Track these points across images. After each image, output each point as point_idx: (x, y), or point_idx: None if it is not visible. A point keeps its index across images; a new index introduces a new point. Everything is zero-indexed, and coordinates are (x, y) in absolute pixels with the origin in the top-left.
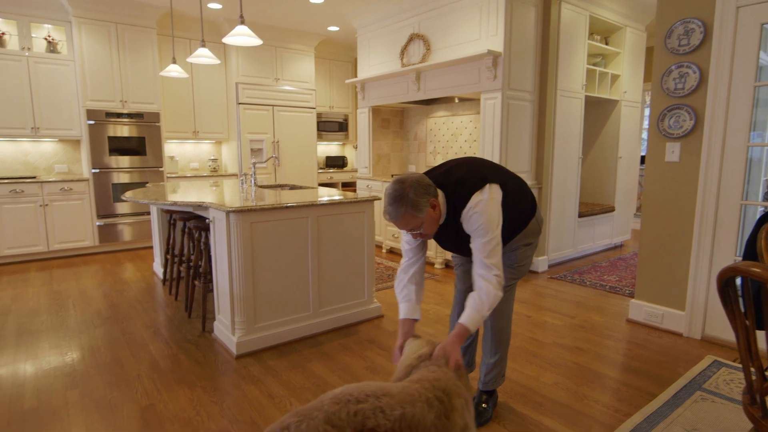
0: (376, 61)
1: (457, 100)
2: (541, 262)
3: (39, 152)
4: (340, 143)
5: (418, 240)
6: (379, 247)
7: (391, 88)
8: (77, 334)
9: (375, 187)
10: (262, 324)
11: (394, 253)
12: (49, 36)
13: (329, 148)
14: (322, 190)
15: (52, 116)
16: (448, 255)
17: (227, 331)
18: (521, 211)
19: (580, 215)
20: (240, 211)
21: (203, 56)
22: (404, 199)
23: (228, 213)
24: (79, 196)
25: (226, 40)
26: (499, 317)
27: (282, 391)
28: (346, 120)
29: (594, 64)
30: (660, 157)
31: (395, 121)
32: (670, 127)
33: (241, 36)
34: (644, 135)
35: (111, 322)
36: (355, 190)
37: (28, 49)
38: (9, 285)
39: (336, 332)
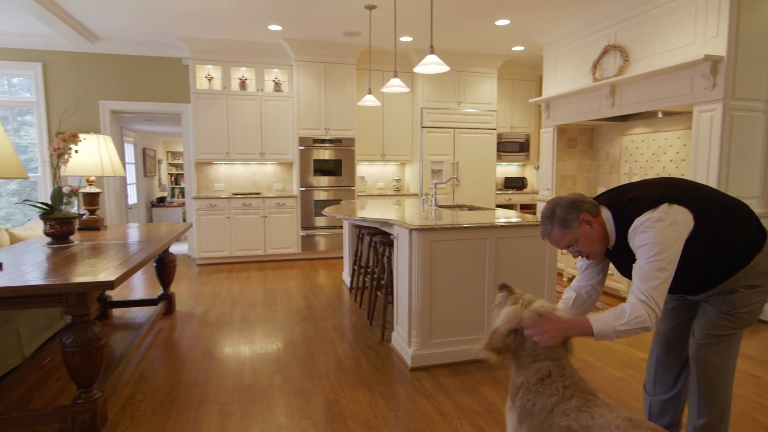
0: (563, 78)
1: (660, 115)
2: None
3: (263, 173)
4: (520, 164)
5: (587, 262)
6: (560, 274)
7: (580, 105)
8: (282, 327)
9: None
10: (437, 341)
11: None
12: (276, 78)
13: (508, 168)
14: (500, 212)
15: (274, 143)
16: None
17: (404, 342)
18: (736, 242)
19: None
20: (421, 230)
21: (395, 86)
22: (552, 216)
23: (411, 230)
24: (289, 210)
25: (418, 69)
26: (711, 372)
27: (453, 411)
28: (527, 140)
29: None
30: None
31: (583, 140)
32: None
33: (431, 64)
34: None
35: (307, 321)
36: (534, 213)
37: (261, 90)
38: (237, 280)
39: None
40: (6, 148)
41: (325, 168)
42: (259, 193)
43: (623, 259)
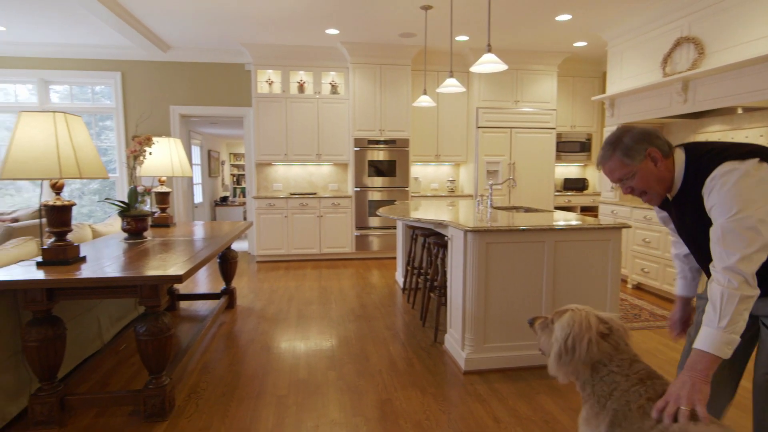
0: (629, 74)
1: (740, 111)
2: None
3: (319, 174)
4: (581, 164)
5: (661, 214)
6: (624, 281)
7: (648, 102)
8: (336, 325)
9: (622, 214)
10: (491, 345)
11: (642, 290)
12: (332, 81)
13: (568, 169)
14: (559, 214)
15: (330, 145)
16: None
17: (457, 345)
18: None
19: None
20: (477, 231)
21: (451, 86)
22: (618, 143)
23: (466, 232)
24: (344, 210)
25: (474, 68)
26: None
27: (507, 418)
28: (589, 139)
29: None
30: None
31: None
32: None
33: (488, 63)
34: None
35: (361, 320)
36: (596, 216)
37: (318, 92)
38: (293, 278)
39: None
40: (91, 151)
41: (379, 169)
42: (315, 193)
43: (686, 215)
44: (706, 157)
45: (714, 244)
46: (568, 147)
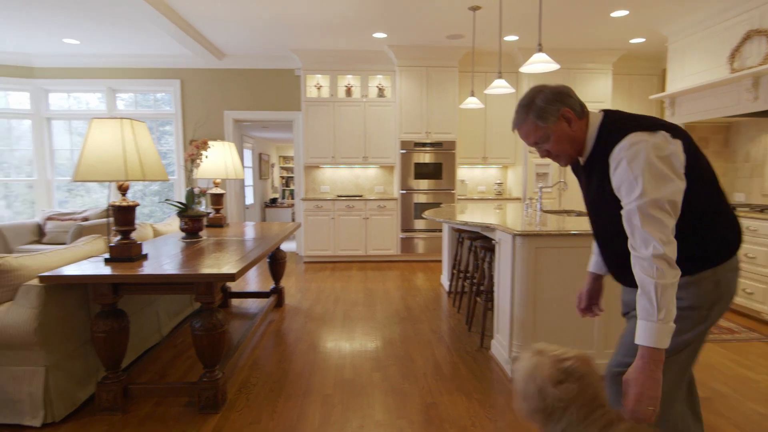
0: (691, 71)
1: None
2: None
3: (365, 176)
4: None
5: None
6: None
7: (713, 100)
8: (381, 326)
9: None
10: None
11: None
12: (379, 84)
13: None
14: None
15: (376, 147)
16: None
17: (504, 351)
18: (704, 235)
19: None
20: (526, 235)
21: (500, 87)
22: (531, 105)
23: (514, 236)
24: (389, 212)
25: (525, 69)
26: None
27: None
28: None
29: None
30: None
31: (717, 139)
32: None
33: (539, 63)
34: None
35: (406, 322)
36: None
37: (365, 96)
38: (339, 278)
39: None
40: (154, 155)
41: (425, 171)
42: (361, 196)
43: (592, 182)
44: (619, 123)
45: (633, 227)
46: None
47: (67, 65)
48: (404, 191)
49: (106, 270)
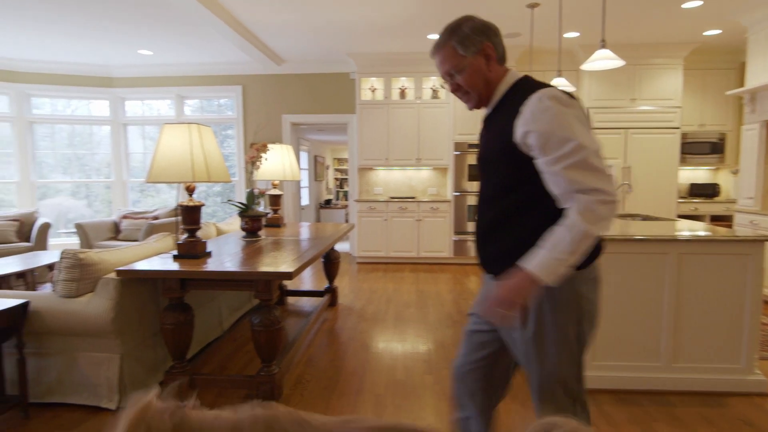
0: None
1: None
2: None
3: (418, 178)
4: (712, 168)
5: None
6: (767, 302)
7: None
8: (433, 329)
9: (764, 224)
10: (601, 363)
11: None
12: (433, 86)
13: (695, 173)
14: (684, 223)
15: (429, 149)
16: None
17: None
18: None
19: None
20: None
21: (559, 86)
22: (456, 29)
23: None
24: (442, 214)
25: (587, 66)
26: None
27: None
28: (721, 140)
29: None
30: None
31: None
32: None
33: (602, 60)
34: None
35: (458, 326)
36: (730, 226)
37: (419, 98)
38: (391, 280)
39: (693, 397)
40: (218, 157)
41: (477, 173)
42: (414, 197)
43: (489, 136)
44: (536, 83)
45: (555, 188)
46: (695, 148)
47: (141, 75)
48: (457, 193)
49: (175, 266)
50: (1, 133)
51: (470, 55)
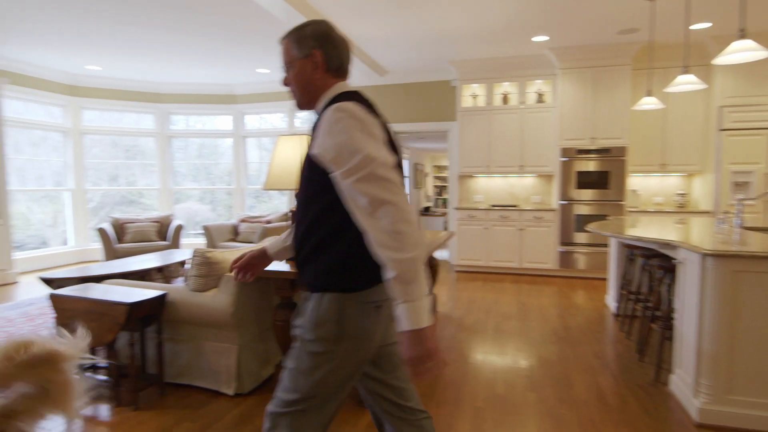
0: None
1: None
2: None
3: (521, 185)
4: None
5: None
6: None
7: None
8: (536, 344)
9: None
10: (738, 398)
11: None
12: (538, 90)
13: None
14: None
15: (533, 156)
16: None
17: (687, 390)
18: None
19: None
20: (720, 256)
21: (686, 83)
22: (302, 28)
23: (704, 256)
24: (547, 224)
25: (720, 60)
26: None
27: None
28: None
29: None
30: None
31: None
32: None
33: (741, 52)
34: None
35: (564, 342)
36: None
37: (523, 102)
38: (491, 290)
39: None
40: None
41: (588, 180)
42: (516, 206)
43: (311, 147)
44: (345, 95)
45: (359, 196)
46: None
47: (259, 91)
48: (564, 201)
49: (285, 267)
50: (147, 147)
51: (301, 56)
